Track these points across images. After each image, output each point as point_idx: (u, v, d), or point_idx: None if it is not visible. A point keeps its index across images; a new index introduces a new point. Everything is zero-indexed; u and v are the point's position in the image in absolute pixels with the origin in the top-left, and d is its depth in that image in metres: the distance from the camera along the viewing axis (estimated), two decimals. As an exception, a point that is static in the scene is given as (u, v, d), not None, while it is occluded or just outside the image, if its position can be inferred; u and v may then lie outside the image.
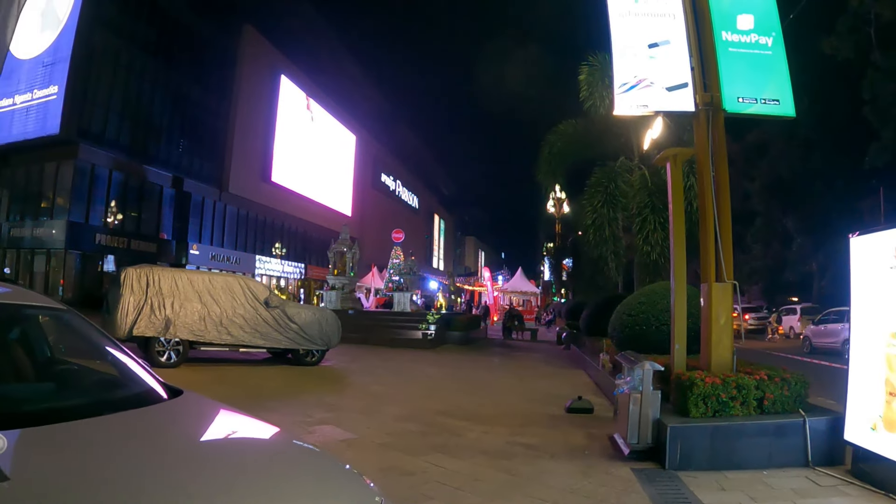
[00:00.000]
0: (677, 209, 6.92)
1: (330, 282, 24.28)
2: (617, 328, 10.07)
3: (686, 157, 7.23)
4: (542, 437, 6.58)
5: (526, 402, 8.93)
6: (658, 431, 5.67)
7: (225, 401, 7.68)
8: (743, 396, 5.89)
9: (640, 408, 5.60)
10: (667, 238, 13.05)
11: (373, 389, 9.57)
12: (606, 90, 12.62)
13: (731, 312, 6.73)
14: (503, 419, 7.53)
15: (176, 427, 2.53)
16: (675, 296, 6.76)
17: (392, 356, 14.95)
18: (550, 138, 16.21)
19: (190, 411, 2.84)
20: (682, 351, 6.60)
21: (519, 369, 13.77)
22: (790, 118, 7.09)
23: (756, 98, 7.00)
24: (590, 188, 14.49)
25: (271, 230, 46.81)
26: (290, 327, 11.75)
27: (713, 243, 6.75)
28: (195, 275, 11.54)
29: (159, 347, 10.72)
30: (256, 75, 42.30)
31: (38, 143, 28.77)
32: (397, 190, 75.56)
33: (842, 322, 17.19)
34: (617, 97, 7.07)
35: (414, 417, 7.44)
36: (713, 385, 5.79)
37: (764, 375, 6.09)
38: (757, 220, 39.56)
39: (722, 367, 6.40)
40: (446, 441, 6.29)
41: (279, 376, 10.64)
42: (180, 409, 2.77)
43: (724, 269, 6.68)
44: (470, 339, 20.91)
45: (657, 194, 12.46)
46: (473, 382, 11.02)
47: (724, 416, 5.81)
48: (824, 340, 18.75)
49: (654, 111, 7.05)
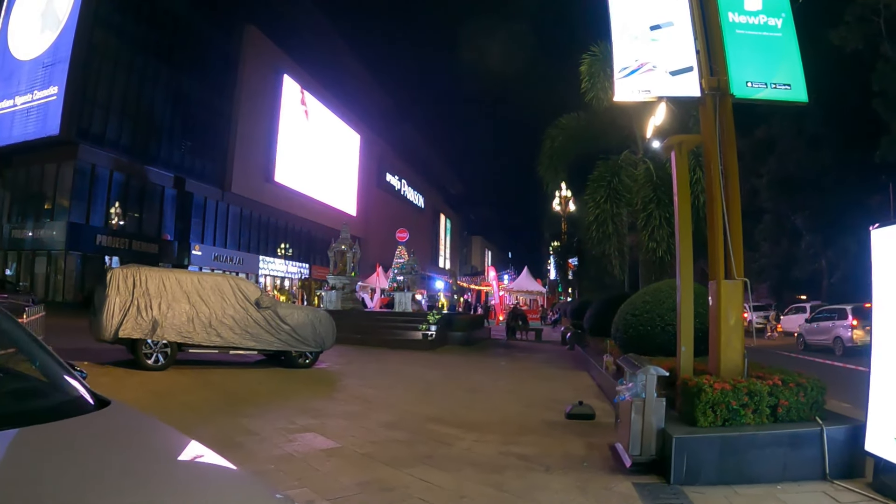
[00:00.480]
0: (683, 201, 6.46)
1: (330, 282, 23.90)
2: (620, 329, 9.59)
3: (692, 146, 6.78)
4: (538, 447, 6.13)
5: (524, 407, 8.47)
6: (662, 442, 5.22)
7: (204, 405, 7.21)
8: (755, 403, 5.44)
9: (642, 416, 5.14)
10: (673, 234, 12.58)
11: (364, 393, 9.15)
12: (608, 81, 12.13)
13: (741, 312, 6.28)
14: (498, 426, 7.09)
15: (87, 443, 2.16)
16: (681, 294, 6.31)
17: (389, 358, 14.54)
18: (552, 132, 15.72)
19: (109, 426, 2.45)
20: (689, 354, 6.14)
21: (520, 371, 13.32)
22: (802, 104, 6.67)
23: (766, 82, 6.58)
24: (592, 183, 14.00)
25: (275, 230, 46.58)
26: (282, 328, 11.36)
27: (722, 238, 6.30)
28: (183, 275, 11.15)
29: (146, 349, 10.34)
30: (258, 74, 42.01)
31: (39, 144, 28.71)
32: (402, 189, 75.14)
33: (832, 320, 18.10)
34: (617, 82, 6.64)
35: (403, 424, 7.01)
36: (723, 391, 5.34)
37: (778, 380, 5.64)
38: (765, 216, 38.91)
39: (732, 371, 5.95)
40: (434, 451, 5.86)
41: (269, 379, 10.25)
42: (100, 423, 2.39)
43: (734, 266, 6.22)
44: (472, 340, 20.47)
45: (662, 188, 11.98)
46: (470, 386, 10.57)
47: (734, 426, 5.36)
48: (817, 338, 18.96)
49: (656, 97, 6.59)
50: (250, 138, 41.34)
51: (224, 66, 38.97)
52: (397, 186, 73.37)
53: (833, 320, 18.09)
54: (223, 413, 7.22)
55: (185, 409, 7.39)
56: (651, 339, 8.70)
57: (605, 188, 13.56)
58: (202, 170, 37.81)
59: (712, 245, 6.34)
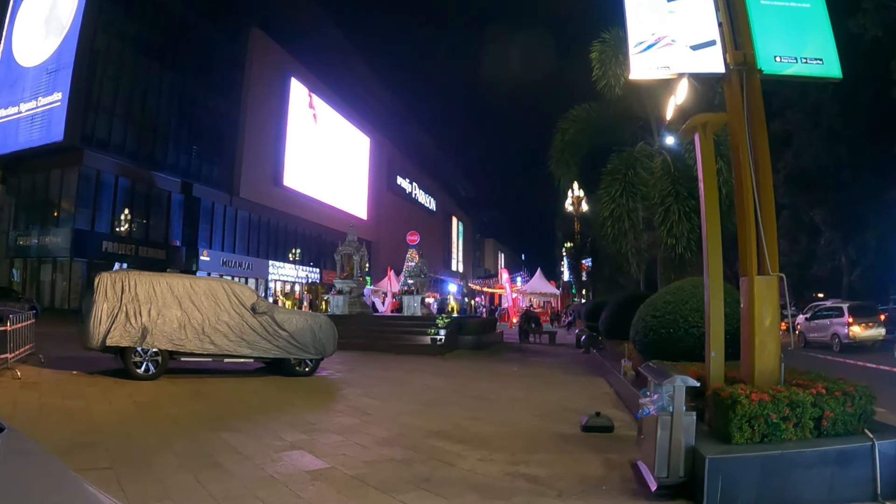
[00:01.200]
0: (710, 188, 5.78)
1: (337, 286, 23.30)
2: (640, 331, 8.86)
3: (718, 126, 6.09)
4: (550, 466, 5.47)
5: (535, 419, 7.78)
6: (693, 462, 4.55)
7: (190, 418, 6.59)
8: (797, 416, 4.77)
9: (670, 433, 4.47)
10: (693, 230, 11.88)
11: (363, 404, 8.51)
12: (621, 67, 11.53)
13: (777, 311, 5.58)
14: (506, 441, 6.42)
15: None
16: (709, 293, 5.63)
17: (395, 364, 13.90)
18: (562, 125, 14.96)
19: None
20: (720, 359, 5.47)
21: (531, 378, 12.59)
22: (836, 80, 6.02)
23: (796, 57, 5.97)
24: (606, 176, 13.25)
25: (284, 235, 46.16)
26: (280, 335, 10.78)
27: (753, 229, 5.62)
28: (175, 279, 10.58)
29: (136, 358, 9.80)
30: (265, 78, 41.65)
31: (43, 150, 28.52)
32: (413, 192, 74.53)
33: (830, 318, 19.35)
34: (632, 58, 6.01)
35: (402, 440, 6.38)
36: (761, 403, 4.66)
37: (821, 388, 4.96)
38: (782, 213, 37.88)
39: (767, 379, 5.28)
40: (433, 472, 5.22)
41: (264, 389, 9.65)
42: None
43: (769, 260, 5.55)
44: (483, 344, 19.79)
45: (681, 181, 11.27)
46: (478, 395, 9.87)
47: (774, 442, 4.68)
48: (816, 335, 19.92)
49: (676, 73, 5.93)
50: (258, 142, 40.95)
51: (230, 69, 38.63)
52: (408, 189, 72.77)
53: (831, 318, 19.26)
54: (208, 427, 6.64)
55: (168, 422, 6.82)
56: (674, 343, 7.97)
57: (620, 182, 12.81)
58: (210, 174, 37.46)
59: (742, 238, 5.67)
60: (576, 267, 58.92)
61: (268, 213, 43.40)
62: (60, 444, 5.56)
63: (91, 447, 5.55)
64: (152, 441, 5.94)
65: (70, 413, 7.06)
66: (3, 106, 30.57)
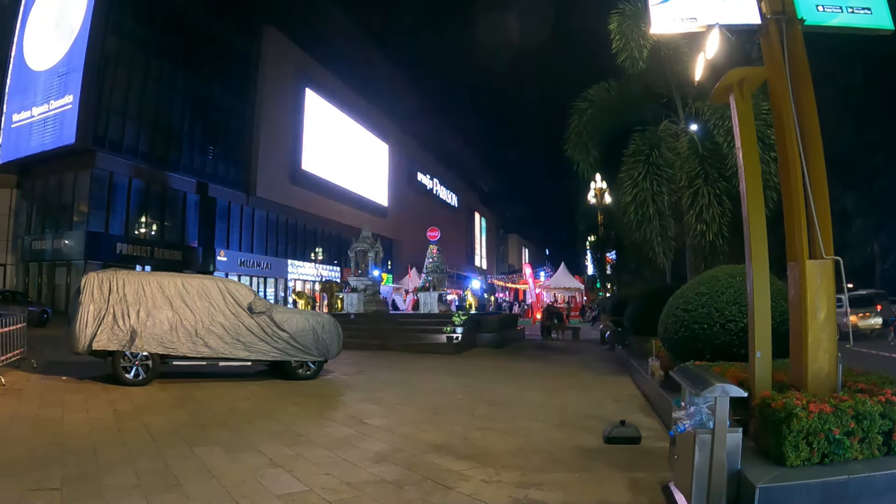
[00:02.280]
0: (750, 158, 4.88)
1: (351, 283, 22.65)
2: (669, 328, 7.93)
3: (756, 83, 5.19)
4: (567, 489, 4.64)
5: (553, 428, 6.92)
6: (738, 489, 3.69)
7: (167, 428, 5.82)
8: (864, 430, 3.88)
9: (710, 455, 3.61)
10: (724, 213, 10.91)
11: (363, 412, 7.75)
12: (643, 38, 10.60)
13: (833, 301, 4.70)
14: (517, 457, 5.60)
15: None
16: (753, 282, 4.75)
17: (407, 365, 13.16)
18: (580, 105, 13.92)
19: None
20: (767, 360, 4.59)
21: (552, 378, 11.69)
22: (887, 31, 5.13)
23: (840, 6, 5.12)
24: (629, 158, 12.26)
25: (303, 233, 45.70)
26: (279, 336, 10.09)
27: (802, 205, 4.74)
28: (166, 278, 9.95)
29: (125, 363, 9.23)
30: (280, 76, 41.17)
31: (56, 153, 28.40)
32: (435, 189, 73.67)
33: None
34: (653, 9, 5.18)
35: (397, 456, 5.61)
36: (821, 415, 3.80)
37: (891, 395, 4.06)
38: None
39: (822, 383, 4.41)
40: (427, 498, 4.43)
41: (258, 395, 8.95)
42: None
43: (822, 242, 4.67)
44: (503, 341, 18.95)
45: (710, 160, 10.31)
46: (493, 399, 9.02)
47: (836, 463, 3.82)
48: None
49: (705, 25, 5.07)
50: (274, 140, 40.49)
51: (244, 68, 38.21)
52: (429, 186, 71.95)
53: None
54: (184, 439, 5.96)
55: (142, 433, 6.18)
56: (708, 340, 7.04)
57: (644, 163, 11.83)
58: (225, 174, 37.09)
59: (789, 217, 4.80)
60: (600, 260, 57.64)
61: (286, 212, 42.97)
62: (16, 460, 5.05)
63: (47, 464, 4.95)
64: (116, 456, 5.28)
65: (40, 423, 6.49)
66: (15, 111, 30.49)
